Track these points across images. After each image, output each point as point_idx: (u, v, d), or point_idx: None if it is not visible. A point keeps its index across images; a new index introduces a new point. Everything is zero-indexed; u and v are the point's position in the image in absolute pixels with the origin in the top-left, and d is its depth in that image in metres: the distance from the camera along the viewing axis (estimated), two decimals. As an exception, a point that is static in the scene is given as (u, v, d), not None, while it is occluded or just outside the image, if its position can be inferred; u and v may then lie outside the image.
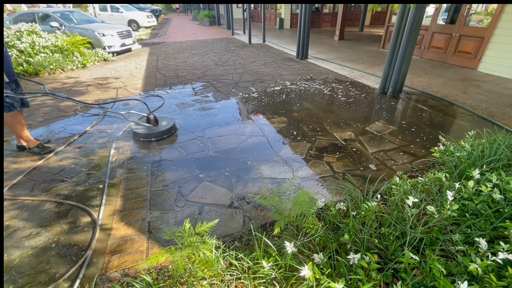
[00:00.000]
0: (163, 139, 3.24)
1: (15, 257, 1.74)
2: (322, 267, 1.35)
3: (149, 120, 3.28)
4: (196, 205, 2.18)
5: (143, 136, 3.21)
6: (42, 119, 3.86)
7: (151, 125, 3.28)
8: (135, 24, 16.47)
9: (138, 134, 3.22)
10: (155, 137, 3.22)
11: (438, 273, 1.16)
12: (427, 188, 1.94)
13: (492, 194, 1.58)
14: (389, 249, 1.41)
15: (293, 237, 1.62)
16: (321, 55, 7.88)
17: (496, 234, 1.43)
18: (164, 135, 3.27)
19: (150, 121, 3.28)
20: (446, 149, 2.46)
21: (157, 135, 3.22)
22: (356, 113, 3.89)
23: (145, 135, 3.20)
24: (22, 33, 6.58)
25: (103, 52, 7.73)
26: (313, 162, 2.72)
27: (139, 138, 3.23)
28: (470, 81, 5.17)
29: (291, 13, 14.86)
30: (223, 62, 7.33)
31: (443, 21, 6.70)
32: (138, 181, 2.48)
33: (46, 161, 2.82)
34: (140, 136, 3.22)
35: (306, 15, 6.80)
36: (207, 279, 1.42)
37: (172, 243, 1.78)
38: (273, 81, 5.54)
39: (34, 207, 2.18)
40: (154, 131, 3.22)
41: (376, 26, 15.57)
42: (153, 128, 3.26)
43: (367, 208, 1.62)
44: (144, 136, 3.21)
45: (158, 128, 3.27)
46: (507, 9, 5.13)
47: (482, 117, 3.63)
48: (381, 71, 4.87)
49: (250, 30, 10.55)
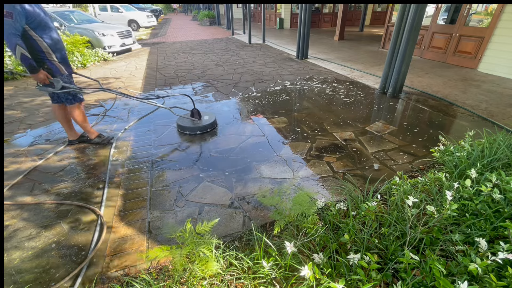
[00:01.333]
0: (207, 132, 3.40)
1: (15, 257, 1.74)
2: (322, 267, 1.35)
3: (193, 114, 3.43)
4: (196, 205, 2.18)
5: (189, 129, 3.36)
6: (42, 119, 3.86)
7: (195, 119, 3.44)
8: (135, 24, 16.47)
9: (183, 128, 3.37)
10: (200, 130, 3.38)
11: (438, 273, 1.16)
12: (427, 188, 1.94)
13: (492, 194, 1.58)
14: (389, 249, 1.41)
15: (293, 237, 1.62)
16: (321, 55, 7.88)
17: (496, 234, 1.43)
18: (208, 128, 3.43)
19: (194, 115, 3.44)
20: (446, 149, 2.46)
21: (202, 128, 3.38)
22: (356, 113, 3.89)
23: (191, 128, 3.36)
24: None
25: (103, 52, 7.73)
26: (313, 162, 2.72)
27: (185, 131, 3.38)
28: (470, 81, 5.17)
29: (291, 13, 14.86)
30: (223, 62, 7.33)
31: (443, 21, 6.70)
32: (138, 181, 2.48)
33: (46, 161, 2.82)
34: (186, 129, 3.37)
35: (306, 15, 6.80)
36: (207, 279, 1.42)
37: (173, 242, 1.78)
38: (273, 81, 5.54)
39: (35, 207, 2.18)
40: (199, 124, 3.37)
41: (376, 26, 15.57)
42: (198, 122, 3.42)
43: (367, 208, 1.62)
44: (190, 129, 3.36)
45: (203, 122, 3.43)
46: (507, 9, 5.13)
47: (482, 117, 3.63)
48: (381, 71, 4.87)
49: (250, 30, 10.55)
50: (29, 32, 2.38)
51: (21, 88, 5.31)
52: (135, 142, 3.19)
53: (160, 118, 3.82)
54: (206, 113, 3.66)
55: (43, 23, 2.44)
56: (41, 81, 2.52)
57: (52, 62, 2.58)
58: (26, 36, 2.38)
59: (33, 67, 2.39)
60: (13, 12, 2.19)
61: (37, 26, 2.40)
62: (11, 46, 2.26)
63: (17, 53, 2.29)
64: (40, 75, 2.47)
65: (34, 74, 2.44)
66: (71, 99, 2.80)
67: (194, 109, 3.43)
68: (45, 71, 2.53)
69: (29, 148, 3.09)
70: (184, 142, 3.16)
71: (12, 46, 2.26)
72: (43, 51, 2.49)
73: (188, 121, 3.43)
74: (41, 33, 2.44)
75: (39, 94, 4.92)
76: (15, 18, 2.22)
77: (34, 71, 2.42)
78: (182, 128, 3.39)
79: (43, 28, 2.45)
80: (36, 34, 2.42)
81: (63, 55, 2.68)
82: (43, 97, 4.76)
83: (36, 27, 2.40)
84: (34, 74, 2.44)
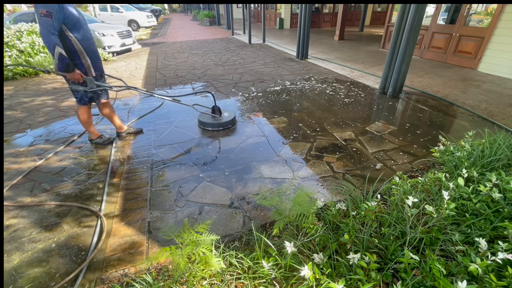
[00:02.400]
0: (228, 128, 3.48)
1: (14, 257, 1.74)
2: (322, 267, 1.35)
3: (214, 111, 3.52)
4: (196, 205, 2.18)
5: (212, 125, 3.44)
6: (42, 119, 3.86)
7: (217, 115, 3.52)
8: (135, 24, 16.48)
9: (205, 124, 3.45)
10: (222, 126, 3.45)
11: (438, 273, 1.16)
12: (427, 188, 1.94)
13: (492, 194, 1.58)
14: (389, 249, 1.41)
15: (293, 237, 1.62)
16: (321, 55, 7.88)
17: (496, 234, 1.43)
18: (229, 125, 3.50)
19: (215, 112, 3.52)
20: (446, 149, 2.46)
21: (224, 124, 3.46)
22: (356, 113, 3.89)
23: (213, 125, 3.44)
24: (22, 33, 6.58)
25: (103, 52, 7.72)
26: (313, 162, 2.72)
27: (207, 127, 3.46)
28: (470, 81, 5.17)
29: (291, 13, 14.85)
30: (223, 62, 7.33)
31: (443, 21, 6.70)
32: (138, 181, 2.48)
33: (46, 161, 2.82)
34: (208, 126, 3.45)
35: (306, 15, 6.80)
36: (207, 279, 1.42)
37: (172, 242, 1.78)
38: (273, 81, 5.54)
39: (35, 207, 2.18)
40: (221, 121, 3.45)
41: (376, 26, 15.57)
42: (220, 118, 3.49)
43: (367, 208, 1.62)
44: (213, 126, 3.44)
45: (224, 118, 3.51)
46: (507, 9, 5.13)
47: (482, 117, 3.63)
48: (381, 71, 4.87)
49: (250, 30, 10.55)
50: (65, 32, 2.40)
51: (21, 88, 5.31)
52: (135, 142, 3.19)
53: (160, 118, 3.82)
54: (226, 110, 3.73)
55: (78, 23, 2.47)
56: (75, 79, 2.54)
57: (83, 63, 2.60)
58: (62, 36, 2.40)
59: (69, 67, 2.43)
60: (52, 12, 2.22)
61: (73, 26, 2.43)
62: (50, 45, 2.29)
63: (56, 53, 2.32)
64: (76, 74, 2.51)
65: (70, 73, 2.47)
66: (85, 100, 2.82)
67: (215, 106, 3.51)
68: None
69: (29, 148, 3.09)
70: (185, 142, 3.17)
71: (51, 46, 2.28)
72: (76, 51, 2.51)
73: (209, 118, 3.51)
74: (76, 33, 2.46)
75: (39, 94, 4.92)
76: (54, 17, 2.24)
77: (70, 70, 2.45)
78: (204, 124, 3.47)
79: (78, 28, 2.47)
80: (72, 34, 2.44)
81: (95, 55, 2.69)
82: (43, 97, 4.76)
83: (72, 27, 2.42)
84: (70, 73, 2.47)
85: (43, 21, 2.21)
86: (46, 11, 2.19)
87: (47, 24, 2.22)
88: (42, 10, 2.18)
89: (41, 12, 2.18)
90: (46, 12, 2.19)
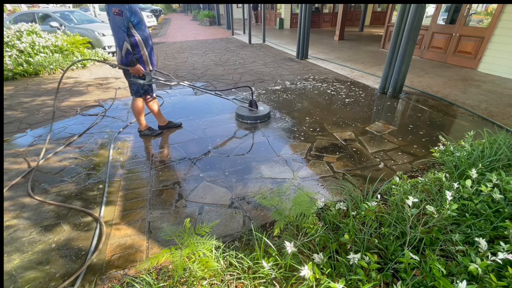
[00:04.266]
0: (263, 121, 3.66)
1: (15, 257, 1.74)
2: (322, 267, 1.35)
3: (252, 105, 3.71)
4: (196, 205, 2.18)
5: (248, 118, 3.62)
6: (42, 119, 3.86)
7: (254, 109, 3.70)
8: (135, 24, 16.44)
9: (243, 116, 3.65)
10: (260, 119, 3.63)
11: (438, 273, 1.16)
12: (427, 188, 1.94)
13: (492, 194, 1.58)
14: (389, 249, 1.41)
15: (293, 237, 1.62)
16: (321, 55, 7.88)
17: (496, 234, 1.43)
18: (266, 118, 3.68)
19: (253, 106, 3.72)
20: (446, 149, 2.46)
21: (261, 117, 3.65)
22: (356, 113, 3.89)
23: (249, 117, 3.62)
24: (22, 33, 6.58)
25: (103, 52, 7.72)
26: (313, 162, 2.72)
27: (246, 120, 3.64)
28: (470, 81, 5.17)
29: (291, 13, 14.85)
30: (223, 62, 7.33)
31: (443, 21, 6.70)
32: (138, 181, 2.48)
33: (46, 161, 2.82)
34: (247, 119, 3.63)
35: (306, 15, 6.80)
36: (207, 279, 1.42)
37: (172, 243, 1.78)
38: (273, 81, 5.54)
39: (35, 208, 2.18)
40: (259, 114, 3.63)
41: (376, 26, 15.57)
42: (257, 112, 3.67)
43: (367, 208, 1.62)
44: (252, 119, 3.62)
45: (261, 112, 3.69)
46: (507, 9, 5.13)
47: (482, 117, 3.63)
48: (381, 71, 4.87)
49: (250, 30, 10.55)
50: (130, 29, 2.58)
51: (21, 88, 5.31)
52: (135, 142, 3.19)
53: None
54: (261, 105, 3.93)
55: (141, 21, 2.65)
56: (136, 73, 2.72)
57: (143, 58, 2.79)
58: (128, 32, 2.57)
59: (133, 61, 2.62)
60: (123, 11, 2.41)
61: (137, 24, 2.61)
62: (120, 41, 2.49)
63: (124, 48, 2.52)
64: (137, 68, 2.69)
65: (133, 67, 2.67)
66: (141, 92, 2.99)
67: (252, 100, 3.69)
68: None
69: (29, 148, 3.09)
70: (186, 142, 3.17)
71: (121, 41, 2.49)
72: (138, 47, 2.70)
73: (246, 111, 3.69)
74: (139, 30, 2.65)
75: (39, 94, 4.92)
76: (124, 15, 2.43)
77: (133, 65, 2.65)
78: (242, 117, 3.66)
79: (140, 26, 2.65)
80: (135, 31, 2.62)
81: (152, 51, 2.88)
82: (43, 97, 4.77)
83: (136, 25, 2.60)
84: (132, 67, 2.66)
85: (115, 19, 2.40)
86: (118, 10, 2.38)
87: (119, 22, 2.41)
88: (115, 9, 2.37)
89: (114, 11, 2.37)
90: (118, 11, 2.38)
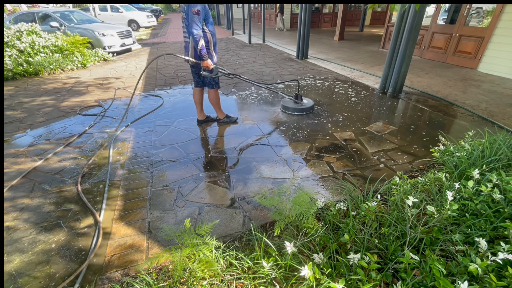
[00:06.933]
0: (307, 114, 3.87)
1: (15, 257, 1.74)
2: (322, 267, 1.35)
3: (297, 98, 3.93)
4: (196, 205, 2.18)
5: (294, 110, 3.87)
6: (42, 119, 3.86)
7: (299, 101, 3.93)
8: (135, 24, 16.45)
9: (288, 108, 3.90)
10: (306, 111, 3.87)
11: (438, 273, 1.16)
12: (427, 188, 1.94)
13: (492, 194, 1.58)
14: (389, 249, 1.41)
15: (293, 237, 1.62)
16: (321, 55, 7.88)
17: (496, 234, 1.43)
18: (310, 110, 3.92)
19: (298, 99, 3.94)
20: (446, 149, 2.46)
21: (307, 109, 3.88)
22: (356, 113, 3.89)
23: (294, 109, 3.86)
24: (22, 33, 6.58)
25: (103, 52, 7.72)
26: (313, 162, 2.72)
27: (292, 112, 3.88)
28: (470, 81, 5.17)
29: (291, 13, 14.85)
30: (223, 62, 7.32)
31: (443, 21, 6.70)
32: (138, 181, 2.48)
33: (46, 161, 2.82)
34: (294, 111, 3.87)
35: (306, 15, 6.80)
36: (207, 279, 1.42)
37: (172, 243, 1.78)
38: (273, 81, 5.54)
39: (35, 208, 2.18)
40: (304, 106, 3.86)
41: (376, 26, 15.56)
42: (303, 104, 3.90)
43: (367, 208, 1.62)
44: (298, 110, 3.86)
45: (305, 105, 3.90)
46: (507, 9, 5.13)
47: (482, 117, 3.63)
48: (381, 71, 4.87)
49: (250, 30, 10.55)
50: (203, 26, 2.84)
51: (21, 88, 5.31)
52: (135, 142, 3.19)
53: (160, 118, 3.82)
54: (305, 98, 4.14)
55: (211, 19, 2.92)
56: (206, 67, 2.98)
57: (212, 53, 3.05)
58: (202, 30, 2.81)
59: (206, 55, 2.87)
60: (200, 10, 2.66)
61: (208, 21, 2.87)
62: (197, 38, 2.73)
63: (199, 44, 2.76)
64: (208, 62, 2.94)
65: (205, 61, 2.93)
66: (213, 84, 3.25)
67: (298, 93, 3.92)
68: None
69: (29, 148, 3.09)
70: (185, 142, 3.17)
71: (198, 38, 2.73)
72: (209, 42, 2.97)
73: (291, 103, 3.92)
74: (210, 28, 2.92)
75: (39, 94, 4.92)
76: (202, 14, 2.69)
77: (205, 59, 2.90)
78: (287, 109, 3.90)
79: (210, 23, 2.91)
80: (207, 28, 2.89)
81: (217, 47, 3.12)
82: (43, 97, 4.77)
83: (207, 22, 2.87)
84: (205, 61, 2.92)
85: (195, 18, 2.65)
86: (197, 9, 2.64)
87: (197, 20, 2.67)
88: (195, 8, 2.63)
89: (193, 11, 2.63)
90: (197, 10, 2.64)
